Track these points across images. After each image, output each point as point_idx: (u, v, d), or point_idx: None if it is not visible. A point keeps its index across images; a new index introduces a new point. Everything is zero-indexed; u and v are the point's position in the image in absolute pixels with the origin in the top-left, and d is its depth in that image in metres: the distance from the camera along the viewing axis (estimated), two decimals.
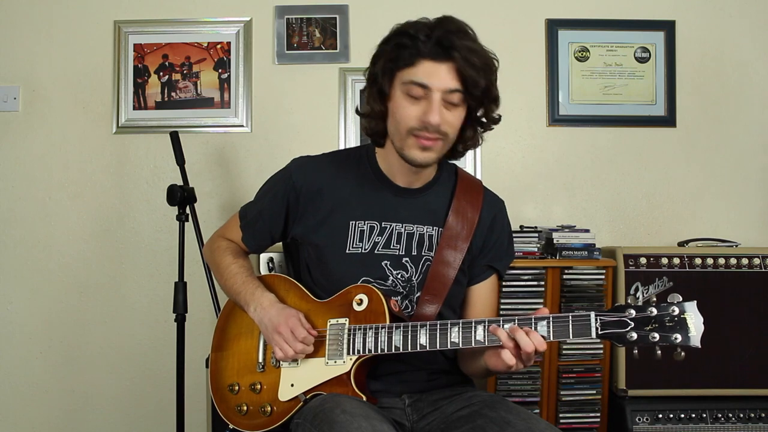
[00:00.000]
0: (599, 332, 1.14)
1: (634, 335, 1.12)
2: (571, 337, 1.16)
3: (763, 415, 2.13)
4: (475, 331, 1.22)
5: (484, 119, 1.38)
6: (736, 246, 2.31)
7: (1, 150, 2.48)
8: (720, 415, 2.13)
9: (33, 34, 2.48)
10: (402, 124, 1.32)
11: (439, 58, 1.27)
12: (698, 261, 2.20)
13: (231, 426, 1.38)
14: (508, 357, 1.18)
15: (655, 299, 1.13)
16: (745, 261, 2.20)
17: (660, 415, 2.12)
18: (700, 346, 1.09)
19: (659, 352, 1.11)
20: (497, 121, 1.40)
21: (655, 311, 1.12)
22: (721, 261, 2.20)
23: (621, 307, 1.15)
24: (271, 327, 1.33)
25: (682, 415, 2.12)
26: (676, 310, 1.11)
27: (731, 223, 2.52)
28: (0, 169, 2.48)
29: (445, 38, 1.26)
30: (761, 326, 2.17)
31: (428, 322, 1.27)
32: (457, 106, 1.31)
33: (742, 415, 2.13)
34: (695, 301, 1.11)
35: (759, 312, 2.18)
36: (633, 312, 1.13)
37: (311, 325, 1.35)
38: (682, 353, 1.11)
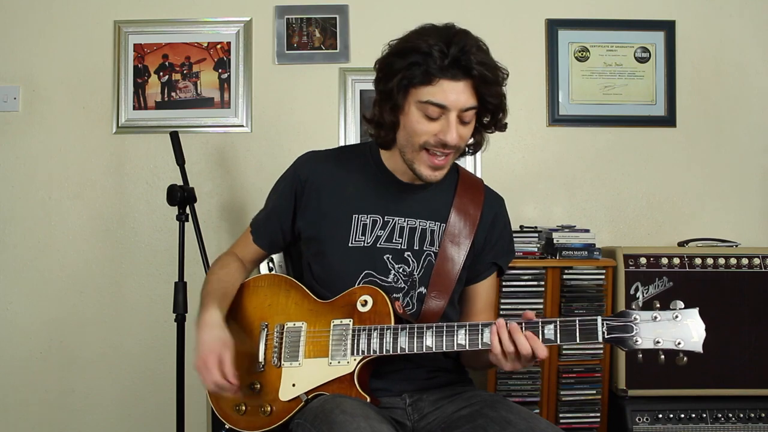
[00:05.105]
0: (605, 336, 1.17)
1: (639, 340, 1.15)
2: (578, 340, 1.18)
3: (763, 415, 2.13)
4: (482, 334, 1.23)
5: (492, 127, 1.40)
6: (736, 246, 2.31)
7: (1, 150, 2.48)
8: (720, 415, 2.13)
9: (33, 34, 2.48)
10: (416, 138, 1.32)
11: (457, 78, 1.27)
12: (698, 261, 2.20)
13: (227, 425, 1.38)
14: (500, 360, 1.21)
15: (658, 305, 1.16)
16: (745, 261, 2.20)
17: (660, 415, 2.12)
18: (702, 352, 1.13)
19: (663, 356, 1.15)
20: (504, 127, 1.41)
21: (658, 317, 1.15)
22: (721, 261, 2.20)
23: (626, 312, 1.17)
24: (199, 352, 1.30)
25: (682, 415, 2.12)
26: (679, 317, 1.14)
27: (731, 223, 2.52)
28: (0, 169, 2.48)
29: (462, 57, 1.25)
30: (761, 326, 2.17)
31: (434, 324, 1.27)
32: (471, 120, 1.34)
33: (742, 415, 2.13)
34: (697, 308, 1.14)
35: (759, 312, 2.18)
36: (638, 317, 1.16)
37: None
38: (685, 358, 1.14)
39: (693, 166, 2.54)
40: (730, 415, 2.13)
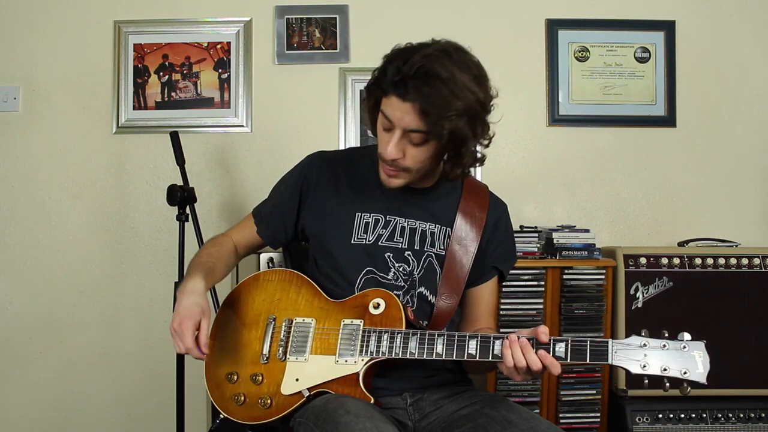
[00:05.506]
0: (614, 360, 1.19)
1: (647, 366, 1.18)
2: (588, 360, 1.20)
3: (763, 415, 2.13)
4: (493, 346, 1.24)
5: (459, 159, 1.35)
6: (736, 246, 2.31)
7: (1, 150, 2.48)
8: (720, 415, 2.13)
9: (33, 34, 2.48)
10: (378, 145, 1.36)
11: (405, 97, 1.25)
12: (698, 261, 2.20)
13: (223, 415, 1.38)
14: (511, 372, 1.21)
15: (666, 334, 1.19)
16: (745, 261, 2.20)
17: (660, 415, 2.12)
18: (706, 384, 1.17)
19: (668, 384, 1.18)
20: (476, 161, 1.37)
21: (667, 345, 1.18)
22: (721, 261, 2.20)
23: (636, 338, 1.19)
24: (177, 315, 1.31)
25: (682, 415, 2.12)
26: (687, 347, 1.18)
27: (731, 223, 2.52)
28: (0, 169, 2.48)
29: (408, 79, 1.23)
30: (761, 326, 2.17)
31: (446, 333, 1.28)
32: (423, 143, 1.30)
33: (742, 415, 2.13)
34: (704, 341, 1.18)
35: (759, 312, 2.18)
36: (647, 344, 1.18)
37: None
38: (689, 388, 1.18)
39: (693, 166, 2.54)
40: (730, 415, 2.13)
